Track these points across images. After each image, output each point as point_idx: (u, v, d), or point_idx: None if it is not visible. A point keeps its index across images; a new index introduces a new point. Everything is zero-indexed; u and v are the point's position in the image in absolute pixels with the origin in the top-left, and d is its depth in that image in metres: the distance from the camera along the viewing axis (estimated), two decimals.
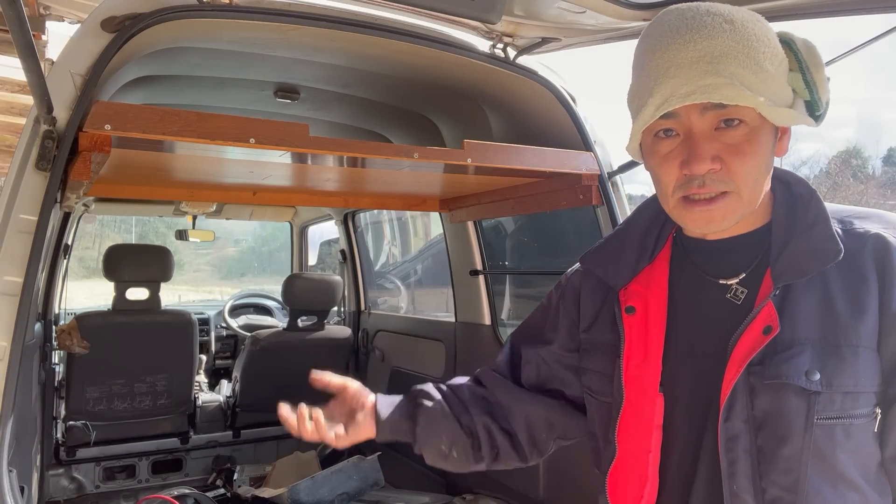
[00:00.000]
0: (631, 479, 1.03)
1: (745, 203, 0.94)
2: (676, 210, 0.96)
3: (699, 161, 0.90)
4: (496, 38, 1.97)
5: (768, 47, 0.91)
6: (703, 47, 0.88)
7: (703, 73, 0.87)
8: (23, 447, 1.83)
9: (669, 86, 0.89)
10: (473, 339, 2.97)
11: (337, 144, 1.80)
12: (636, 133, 0.96)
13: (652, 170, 0.99)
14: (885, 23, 1.39)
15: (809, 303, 0.93)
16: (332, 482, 2.87)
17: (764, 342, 0.91)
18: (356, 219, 4.20)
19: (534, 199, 2.32)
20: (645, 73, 0.94)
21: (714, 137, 0.91)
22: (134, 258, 3.40)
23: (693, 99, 0.87)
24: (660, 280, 1.08)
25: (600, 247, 1.17)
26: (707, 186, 0.91)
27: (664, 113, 0.90)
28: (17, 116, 3.08)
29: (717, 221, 0.94)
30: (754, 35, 0.90)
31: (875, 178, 24.70)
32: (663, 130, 0.94)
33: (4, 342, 1.32)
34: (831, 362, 0.90)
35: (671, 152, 0.94)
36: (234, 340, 4.60)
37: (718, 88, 0.87)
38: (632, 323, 1.06)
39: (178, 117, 1.45)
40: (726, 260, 1.02)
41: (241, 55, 2.08)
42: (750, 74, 0.88)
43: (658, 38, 0.93)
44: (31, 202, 1.39)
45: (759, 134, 0.92)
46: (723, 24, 0.89)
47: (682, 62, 0.89)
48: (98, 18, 1.50)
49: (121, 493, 3.41)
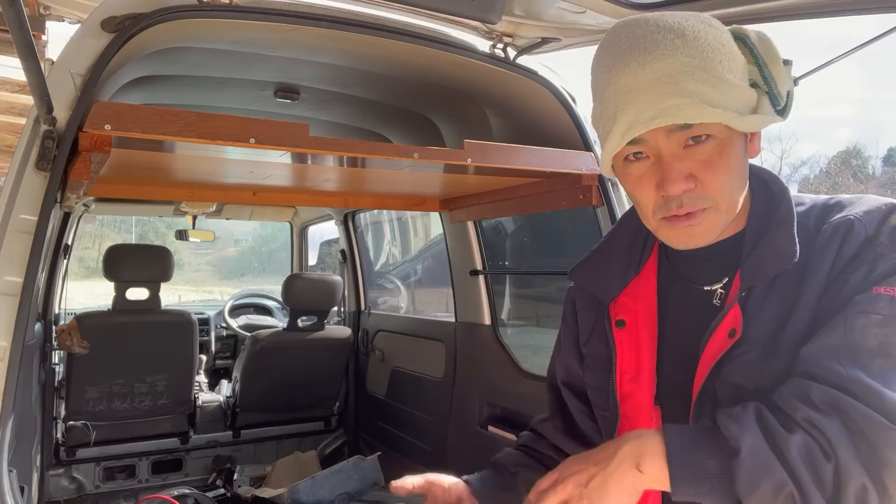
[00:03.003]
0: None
1: (724, 214, 0.93)
2: (660, 230, 0.97)
3: (673, 183, 0.89)
4: (496, 38, 1.97)
5: (724, 55, 0.89)
6: (658, 68, 0.86)
7: (663, 95, 0.86)
8: (23, 447, 1.84)
9: (631, 111, 0.88)
10: (473, 339, 2.97)
11: (337, 144, 1.80)
12: (606, 158, 0.96)
13: (629, 192, 0.99)
14: (885, 23, 1.39)
15: (769, 303, 0.93)
16: (332, 482, 2.87)
17: (728, 345, 0.92)
18: (356, 219, 4.20)
19: (534, 199, 2.32)
20: (605, 99, 0.92)
21: (684, 156, 0.90)
22: (134, 258, 3.40)
23: (657, 123, 0.86)
24: (648, 291, 1.08)
25: (587, 260, 1.17)
26: (685, 206, 0.91)
27: (631, 139, 0.89)
28: (17, 116, 3.08)
29: (699, 237, 0.94)
30: (708, 45, 0.88)
31: (875, 178, 24.73)
32: (633, 154, 0.93)
33: (4, 342, 1.32)
34: (769, 362, 0.90)
35: (644, 175, 0.93)
36: (234, 340, 4.60)
37: (681, 109, 0.85)
38: (622, 337, 1.06)
39: (178, 117, 1.45)
40: (710, 266, 1.01)
41: (241, 55, 2.08)
42: (710, 89, 0.86)
43: (613, 60, 0.91)
44: (31, 202, 1.39)
45: (729, 145, 0.91)
46: (675, 41, 0.87)
47: (640, 86, 0.87)
48: (98, 18, 1.50)
49: (121, 493, 3.41)
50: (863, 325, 0.84)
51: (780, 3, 1.48)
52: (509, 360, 2.74)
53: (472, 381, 2.94)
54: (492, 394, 2.80)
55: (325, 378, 3.74)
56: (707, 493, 0.81)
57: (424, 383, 3.28)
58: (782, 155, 28.20)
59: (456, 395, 3.03)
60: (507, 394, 2.72)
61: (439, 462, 3.08)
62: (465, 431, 2.91)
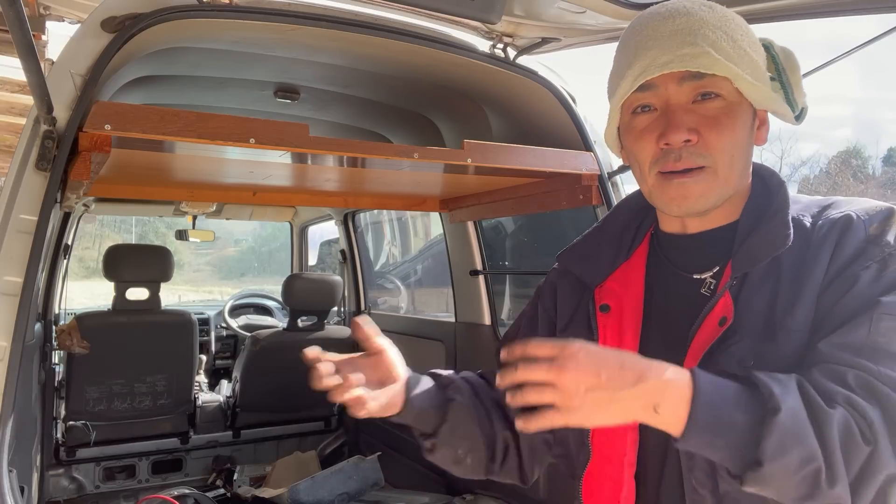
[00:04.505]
0: (606, 482, 1.01)
1: (721, 181, 0.93)
2: (655, 189, 0.96)
3: (676, 131, 0.90)
4: (496, 38, 1.97)
5: (748, 35, 0.93)
6: (681, 22, 0.91)
7: (680, 44, 0.89)
8: (23, 447, 1.84)
9: (648, 57, 0.90)
10: (473, 339, 2.97)
11: (337, 144, 1.80)
12: (615, 109, 0.97)
13: (629, 148, 0.99)
14: (885, 23, 1.39)
15: (762, 292, 0.92)
16: (332, 482, 2.87)
17: (718, 333, 0.91)
18: (356, 219, 4.20)
19: (534, 199, 2.32)
20: (624, 52, 0.96)
21: (691, 110, 0.91)
22: (134, 258, 3.40)
23: (671, 67, 0.89)
24: (636, 278, 1.06)
25: (578, 244, 1.16)
26: (683, 160, 0.91)
27: (641, 84, 0.91)
28: (17, 116, 3.08)
29: (693, 198, 0.93)
30: (734, 22, 0.93)
31: (875, 178, 24.73)
32: (640, 106, 0.95)
33: (4, 342, 1.32)
34: (766, 348, 0.89)
35: (648, 126, 0.94)
36: (234, 340, 4.60)
37: (696, 57, 0.88)
38: (606, 322, 1.05)
39: (178, 117, 1.45)
40: (701, 254, 1.01)
41: (241, 55, 2.08)
42: (727, 46, 0.90)
43: (638, 22, 0.96)
44: (31, 202, 1.39)
45: (737, 110, 0.92)
46: (702, 8, 0.93)
47: (660, 35, 0.91)
48: (98, 18, 1.50)
49: (121, 493, 3.41)
50: (888, 327, 0.83)
51: (780, 3, 1.48)
52: None
53: None
54: None
55: None
56: (722, 447, 0.77)
57: None
58: (782, 155, 28.19)
59: None
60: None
61: None
62: None
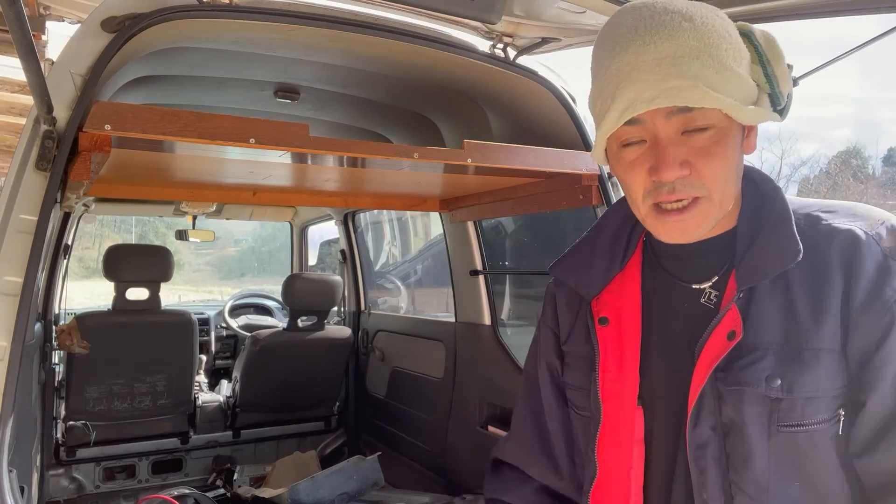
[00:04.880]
0: (613, 498, 1.00)
1: (717, 207, 0.91)
2: (649, 219, 0.94)
3: (668, 168, 0.87)
4: (496, 38, 1.97)
5: (730, 44, 0.88)
6: (663, 49, 0.84)
7: (665, 76, 0.84)
8: (23, 447, 1.84)
9: (632, 90, 0.85)
10: (473, 340, 2.97)
11: (337, 144, 1.80)
12: (600, 141, 0.93)
13: (619, 177, 0.96)
14: (885, 23, 1.39)
15: (773, 306, 0.90)
16: (332, 482, 2.87)
17: (728, 347, 0.89)
18: (356, 219, 4.20)
19: (534, 200, 2.32)
20: (606, 78, 0.89)
21: (681, 142, 0.88)
22: (134, 258, 3.40)
23: (658, 103, 0.84)
24: (632, 288, 1.04)
25: (569, 255, 1.14)
26: (677, 192, 0.89)
27: (628, 119, 0.87)
28: (17, 116, 3.09)
29: (691, 231, 0.91)
30: (715, 32, 0.87)
31: (875, 178, 24.72)
32: (628, 138, 0.91)
33: (4, 342, 1.32)
34: (792, 367, 0.87)
35: (637, 158, 0.91)
36: (234, 340, 4.60)
37: (683, 91, 0.83)
38: (605, 335, 1.03)
39: (178, 117, 1.45)
40: (698, 264, 0.99)
41: (241, 55, 2.08)
42: (714, 74, 0.85)
43: (616, 40, 0.88)
44: (31, 202, 1.39)
45: (727, 135, 0.89)
46: (682, 23, 0.85)
47: (643, 65, 0.85)
48: (98, 18, 1.50)
49: (121, 493, 3.41)
50: None
51: (780, 3, 1.48)
52: (509, 360, 2.74)
53: (472, 381, 2.94)
54: (492, 394, 2.80)
55: (325, 378, 3.74)
56: None
57: (424, 383, 3.28)
58: (782, 155, 28.18)
59: (456, 395, 3.03)
60: (507, 394, 2.72)
61: (439, 462, 3.09)
62: (465, 431, 2.91)
